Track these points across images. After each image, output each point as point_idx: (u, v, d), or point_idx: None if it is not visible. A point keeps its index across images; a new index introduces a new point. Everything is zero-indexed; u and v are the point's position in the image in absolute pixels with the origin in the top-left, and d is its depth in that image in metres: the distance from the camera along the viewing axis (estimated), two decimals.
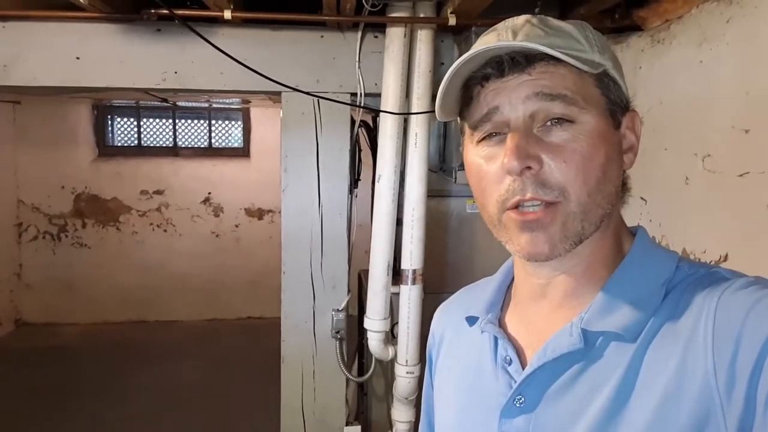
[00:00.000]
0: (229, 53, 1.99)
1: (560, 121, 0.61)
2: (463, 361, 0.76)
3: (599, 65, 0.62)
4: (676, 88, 1.81)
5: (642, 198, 1.98)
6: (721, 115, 1.60)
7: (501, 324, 0.72)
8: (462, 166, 2.33)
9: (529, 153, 0.60)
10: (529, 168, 0.60)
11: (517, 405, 0.64)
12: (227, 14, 2.03)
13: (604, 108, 0.63)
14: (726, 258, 1.59)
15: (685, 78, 1.76)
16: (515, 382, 0.65)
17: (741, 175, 1.52)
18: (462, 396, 0.74)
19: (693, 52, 1.72)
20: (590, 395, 0.60)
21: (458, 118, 0.70)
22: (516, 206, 0.61)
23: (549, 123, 0.61)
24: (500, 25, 0.65)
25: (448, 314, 0.85)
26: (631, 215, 0.69)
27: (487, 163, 0.64)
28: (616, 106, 0.65)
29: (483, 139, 0.65)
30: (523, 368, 0.66)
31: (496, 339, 0.70)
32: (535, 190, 0.60)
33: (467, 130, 0.67)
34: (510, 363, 0.67)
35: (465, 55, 0.61)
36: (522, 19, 0.64)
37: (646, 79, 1.96)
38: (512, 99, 0.61)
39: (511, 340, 0.69)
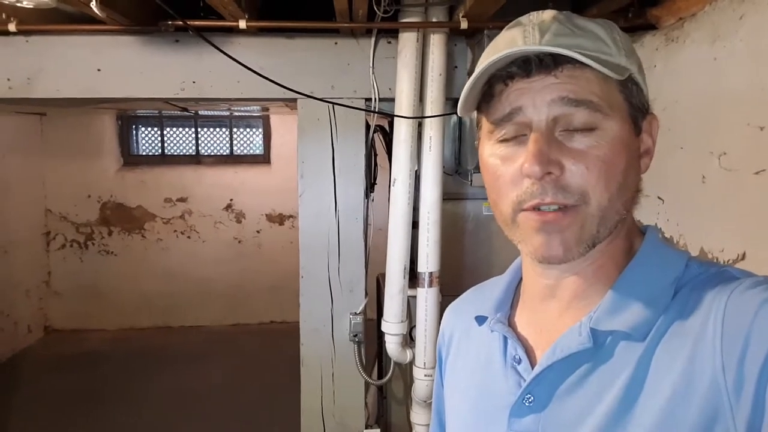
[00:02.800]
0: (245, 62, 2.02)
1: (583, 128, 0.60)
2: (473, 360, 0.76)
3: (625, 70, 0.61)
4: (691, 87, 1.79)
5: (659, 197, 1.96)
6: (735, 112, 1.58)
7: (510, 323, 0.73)
8: (477, 169, 2.32)
9: (550, 158, 0.59)
10: (549, 173, 0.59)
11: (527, 404, 0.64)
12: (242, 24, 2.07)
13: (627, 114, 0.63)
14: (744, 257, 1.57)
15: (699, 76, 1.75)
16: (524, 381, 0.66)
17: (757, 173, 1.50)
18: (471, 395, 0.74)
19: (706, 50, 1.70)
20: (599, 394, 0.60)
21: (476, 112, 0.69)
22: (534, 208, 0.61)
23: (572, 129, 0.61)
24: (525, 20, 0.64)
25: (457, 313, 0.86)
26: (648, 215, 0.69)
27: (503, 164, 0.63)
28: (638, 112, 0.64)
29: (503, 140, 0.64)
30: (533, 367, 0.66)
31: (505, 338, 0.71)
32: (555, 194, 0.60)
33: (486, 125, 0.66)
34: (519, 362, 0.68)
35: (492, 58, 0.61)
36: (549, 15, 0.63)
37: (660, 79, 1.95)
38: (536, 101, 0.61)
39: (520, 339, 0.70)
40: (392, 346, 2.31)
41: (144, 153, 6.05)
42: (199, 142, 6.05)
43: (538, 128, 0.61)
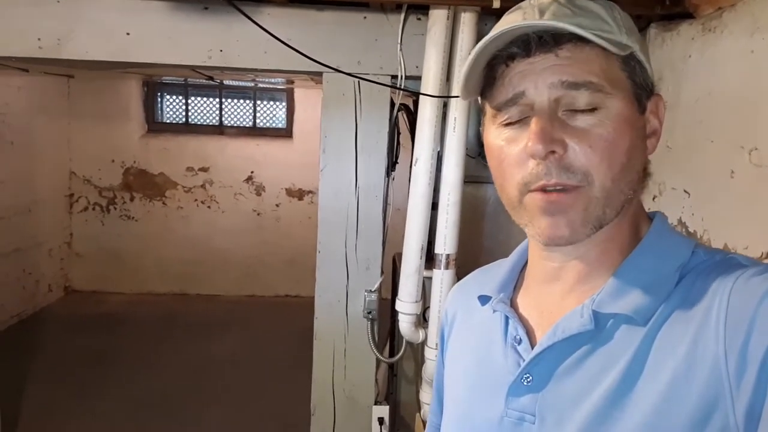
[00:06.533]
0: (273, 33, 2.01)
1: (585, 108, 0.60)
2: (474, 339, 0.77)
3: (627, 47, 0.61)
4: (726, 79, 1.75)
5: (685, 191, 1.93)
6: None
7: (513, 304, 0.73)
8: None
9: (553, 137, 0.59)
10: (553, 152, 0.59)
11: (525, 383, 0.65)
12: None
13: (630, 92, 0.63)
14: None
15: (735, 68, 1.70)
16: (524, 360, 0.66)
17: None
18: (471, 373, 0.75)
19: (744, 42, 1.65)
20: (598, 376, 0.60)
21: (479, 98, 0.69)
22: (539, 189, 0.61)
23: (574, 109, 0.61)
24: (525, 4, 0.64)
25: (461, 294, 0.86)
26: (673, 208, 0.68)
27: (508, 146, 0.63)
28: (642, 90, 0.64)
29: (507, 123, 0.64)
30: (533, 348, 0.66)
31: (507, 318, 0.71)
32: (559, 174, 0.60)
33: (489, 110, 0.67)
34: (519, 342, 0.68)
35: (491, 34, 0.61)
36: None
37: (695, 69, 1.90)
38: (538, 84, 0.61)
39: (521, 319, 0.70)
40: (405, 325, 2.32)
41: (168, 120, 6.09)
42: (223, 112, 6.07)
43: (540, 108, 0.61)
